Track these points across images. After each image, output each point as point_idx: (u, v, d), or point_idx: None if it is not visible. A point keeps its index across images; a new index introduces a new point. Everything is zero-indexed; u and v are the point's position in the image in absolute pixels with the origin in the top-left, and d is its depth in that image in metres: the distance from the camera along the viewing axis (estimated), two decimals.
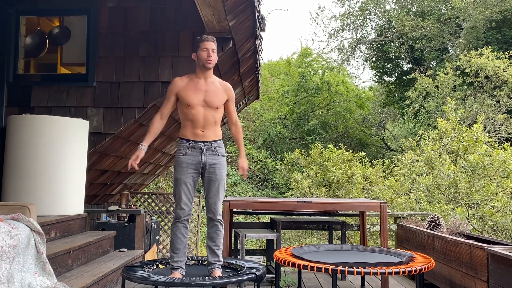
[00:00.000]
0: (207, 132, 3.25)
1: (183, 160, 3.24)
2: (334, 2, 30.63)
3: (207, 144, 3.25)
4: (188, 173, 3.22)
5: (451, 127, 7.64)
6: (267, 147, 16.86)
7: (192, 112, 3.23)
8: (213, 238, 3.24)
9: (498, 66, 11.30)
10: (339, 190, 8.74)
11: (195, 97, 3.23)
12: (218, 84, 3.34)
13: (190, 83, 3.28)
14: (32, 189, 3.90)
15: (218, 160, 3.26)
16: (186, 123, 3.29)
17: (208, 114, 3.24)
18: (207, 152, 3.24)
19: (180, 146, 3.28)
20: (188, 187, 3.21)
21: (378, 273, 2.68)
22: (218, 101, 3.28)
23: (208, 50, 3.24)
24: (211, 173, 3.24)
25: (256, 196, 14.25)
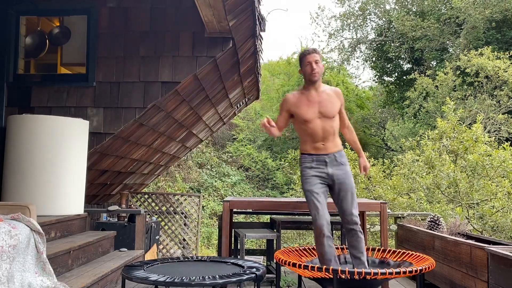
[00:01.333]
0: (327, 144, 3.23)
1: (309, 172, 3.22)
2: (334, 2, 30.64)
3: (330, 156, 3.23)
4: (316, 183, 3.20)
5: (450, 127, 7.64)
6: (267, 147, 16.85)
7: (310, 126, 3.21)
8: (356, 246, 3.19)
9: (498, 66, 11.31)
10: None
11: (309, 110, 3.20)
12: (330, 91, 3.30)
13: (301, 97, 3.26)
14: (32, 189, 3.90)
15: (344, 170, 3.23)
16: (305, 138, 3.27)
17: (326, 125, 3.21)
18: (331, 164, 3.23)
19: (304, 161, 3.27)
20: (320, 197, 3.17)
21: (378, 273, 2.68)
22: (334, 109, 3.25)
23: (311, 63, 3.20)
24: (341, 184, 3.21)
25: (256, 196, 14.25)
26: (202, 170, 14.86)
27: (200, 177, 14.44)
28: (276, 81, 20.40)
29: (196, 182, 14.30)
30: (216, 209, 13.39)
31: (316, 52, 3.24)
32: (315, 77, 3.22)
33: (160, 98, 4.46)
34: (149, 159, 6.56)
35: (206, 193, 13.98)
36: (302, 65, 3.26)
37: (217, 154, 15.94)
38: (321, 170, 3.22)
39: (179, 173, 14.07)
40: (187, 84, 4.62)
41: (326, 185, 3.25)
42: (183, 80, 4.43)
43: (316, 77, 3.22)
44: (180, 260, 3.27)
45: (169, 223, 8.00)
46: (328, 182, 3.24)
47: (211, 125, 7.27)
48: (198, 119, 6.25)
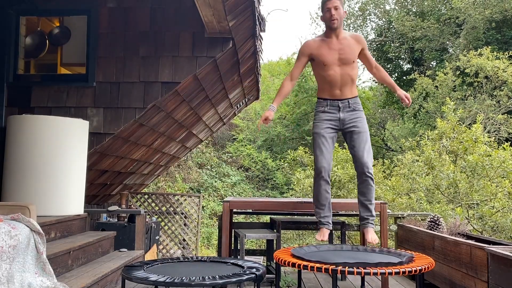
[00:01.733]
0: (344, 91, 3.26)
1: (321, 116, 3.27)
2: None
3: (344, 101, 3.26)
4: (326, 127, 3.24)
5: (450, 127, 7.64)
6: (267, 147, 16.85)
7: (329, 73, 3.23)
8: (364, 193, 3.22)
9: (498, 66, 11.31)
10: (341, 190, 8.74)
11: (329, 56, 3.22)
12: (350, 38, 3.30)
13: (322, 43, 3.27)
14: (32, 189, 3.90)
15: (357, 114, 3.26)
16: (323, 86, 3.30)
17: (344, 73, 3.22)
18: (344, 109, 3.25)
19: (318, 105, 3.32)
20: (327, 141, 3.22)
21: (378, 273, 2.67)
22: (354, 56, 3.25)
23: (330, 9, 3.19)
24: (353, 127, 3.24)
25: (256, 196, 14.24)
26: (202, 170, 14.86)
27: (200, 177, 14.44)
28: (276, 81, 20.38)
29: (196, 182, 14.30)
30: (216, 209, 13.39)
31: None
32: (334, 24, 3.20)
33: (160, 98, 4.46)
34: (149, 159, 6.56)
35: (206, 193, 13.98)
36: (323, 12, 3.26)
37: (217, 154, 15.94)
38: (333, 115, 3.26)
39: (179, 173, 14.07)
40: (187, 84, 4.62)
41: (335, 130, 3.29)
42: (183, 80, 4.43)
43: (335, 24, 3.20)
44: (180, 260, 3.26)
45: (169, 223, 8.00)
46: (339, 127, 3.27)
47: (211, 125, 7.27)
48: (198, 119, 6.25)
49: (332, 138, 3.27)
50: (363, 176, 3.21)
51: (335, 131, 3.29)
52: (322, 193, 3.24)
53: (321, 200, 3.26)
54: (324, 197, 3.25)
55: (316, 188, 3.26)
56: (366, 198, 3.22)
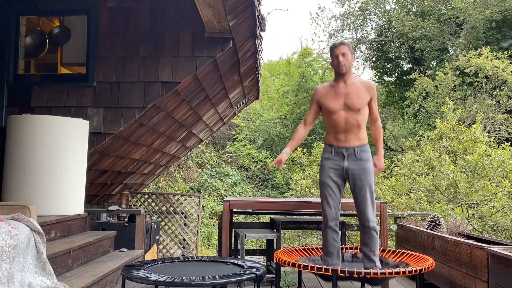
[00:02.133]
0: (349, 136, 3.22)
1: (326, 164, 3.26)
2: (334, 2, 30.64)
3: (349, 150, 3.22)
4: (331, 176, 3.22)
5: (450, 127, 7.64)
6: (267, 147, 16.85)
7: (333, 117, 3.23)
8: (368, 244, 3.20)
9: (498, 66, 11.31)
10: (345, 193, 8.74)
11: (335, 101, 3.22)
12: (359, 84, 3.28)
13: (330, 89, 3.29)
14: (32, 189, 3.90)
15: (362, 166, 3.20)
16: (329, 128, 3.30)
17: (350, 118, 3.20)
18: (349, 158, 3.21)
19: (324, 151, 3.32)
20: (333, 190, 3.20)
21: (378, 273, 2.68)
22: (360, 103, 3.22)
23: (338, 56, 3.21)
24: (356, 180, 3.20)
25: (256, 196, 14.25)
26: (202, 170, 14.86)
27: (200, 177, 14.44)
28: (276, 81, 20.38)
29: (196, 182, 14.30)
30: (216, 209, 13.39)
31: (343, 44, 3.23)
32: (342, 70, 3.23)
33: (160, 98, 4.46)
34: (149, 159, 6.56)
35: (206, 193, 13.98)
36: (331, 58, 3.28)
37: (217, 154, 15.94)
38: (338, 163, 3.23)
39: (179, 173, 14.07)
40: (187, 84, 4.63)
41: (342, 178, 3.26)
42: (183, 80, 4.43)
43: (343, 69, 3.23)
44: (180, 260, 3.27)
45: (169, 223, 8.00)
46: (344, 176, 3.25)
47: (211, 125, 7.27)
48: (198, 119, 6.25)
49: (338, 187, 3.24)
50: (366, 228, 3.20)
51: (341, 179, 3.26)
52: (330, 242, 3.23)
53: (329, 249, 3.24)
54: (332, 246, 3.23)
55: (324, 236, 3.26)
56: (370, 249, 3.20)
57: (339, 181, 3.25)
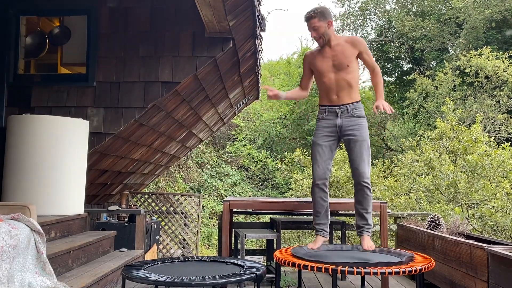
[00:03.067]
0: (341, 96, 3.25)
1: (319, 124, 3.30)
2: (334, 2, 30.63)
3: (342, 107, 3.24)
4: (323, 135, 3.25)
5: (450, 127, 7.64)
6: (267, 147, 16.85)
7: (323, 80, 3.27)
8: (361, 201, 3.21)
9: (498, 66, 11.31)
10: (340, 191, 8.75)
11: (323, 64, 3.26)
12: (345, 42, 3.28)
13: (318, 53, 3.34)
14: (32, 189, 3.90)
15: (356, 121, 3.23)
16: (322, 93, 3.34)
17: (340, 78, 3.23)
18: (343, 115, 3.24)
19: (318, 113, 3.37)
20: (322, 149, 3.23)
21: (378, 273, 2.68)
22: (347, 60, 3.22)
23: (310, 31, 3.27)
24: (350, 135, 3.21)
25: (256, 196, 14.25)
26: (202, 170, 14.86)
27: (200, 177, 14.44)
28: (276, 81, 20.38)
29: (196, 182, 14.30)
30: (216, 209, 13.39)
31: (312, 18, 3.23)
32: (317, 43, 3.30)
33: (160, 98, 4.46)
34: (149, 159, 6.56)
35: (206, 193, 13.98)
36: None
37: (217, 154, 15.94)
38: (331, 122, 3.25)
39: (179, 173, 14.07)
40: (187, 84, 4.63)
41: (335, 137, 3.27)
42: (183, 80, 4.43)
43: (319, 42, 3.29)
44: (180, 260, 3.27)
45: (169, 223, 8.01)
46: (337, 134, 3.26)
47: (211, 125, 7.27)
48: (198, 119, 6.25)
49: (330, 146, 3.25)
50: (359, 185, 3.20)
51: (333, 138, 3.27)
52: (317, 201, 3.26)
53: (317, 208, 3.28)
54: (319, 205, 3.26)
55: (312, 196, 3.30)
56: (362, 207, 3.21)
57: (332, 140, 3.27)
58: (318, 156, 3.23)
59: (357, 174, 3.19)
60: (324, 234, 3.24)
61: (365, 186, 3.19)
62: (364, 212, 3.21)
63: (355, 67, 3.27)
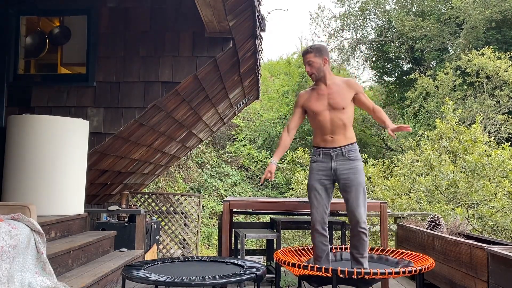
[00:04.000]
0: (336, 137, 3.21)
1: (314, 167, 3.25)
2: (334, 2, 30.62)
3: (336, 150, 3.20)
4: (318, 179, 3.20)
5: (450, 127, 7.64)
6: (267, 147, 16.85)
7: (318, 118, 3.23)
8: (357, 246, 3.17)
9: (499, 66, 11.31)
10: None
11: (318, 103, 3.23)
12: (341, 83, 3.27)
13: (312, 92, 3.31)
14: (32, 189, 3.90)
15: (351, 165, 3.18)
16: (316, 131, 3.30)
17: (335, 118, 3.19)
18: (337, 158, 3.19)
19: (312, 155, 3.32)
20: (319, 193, 3.19)
21: (378, 273, 2.68)
22: (343, 101, 3.20)
23: (305, 65, 3.26)
24: (345, 179, 3.16)
25: (256, 196, 14.25)
26: (202, 170, 14.86)
27: (200, 177, 14.44)
28: (276, 81, 20.39)
29: (196, 182, 14.30)
30: (216, 209, 13.39)
31: (308, 52, 3.24)
32: (311, 78, 3.30)
33: (160, 98, 4.47)
34: (149, 159, 6.56)
35: (206, 193, 13.98)
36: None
37: (217, 154, 15.94)
38: (326, 165, 3.21)
39: (179, 173, 14.07)
40: (187, 84, 4.63)
41: (330, 180, 3.23)
42: (183, 80, 4.43)
43: (312, 77, 3.28)
44: (180, 260, 3.27)
45: (169, 223, 8.01)
46: (332, 177, 3.22)
47: (211, 125, 7.27)
48: (198, 119, 6.25)
49: (326, 189, 3.22)
50: (355, 230, 3.16)
51: (329, 181, 3.23)
52: (318, 246, 3.23)
53: (318, 252, 3.24)
54: (320, 249, 3.22)
55: (312, 240, 3.26)
56: (358, 252, 3.18)
57: (328, 184, 3.23)
58: (316, 201, 3.20)
59: (354, 220, 3.15)
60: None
61: (362, 232, 3.15)
62: (360, 257, 3.18)
63: (351, 109, 3.26)
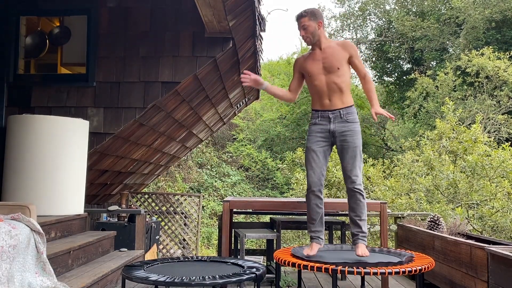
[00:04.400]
0: (333, 100, 3.22)
1: (312, 129, 3.27)
2: (334, 2, 30.61)
3: (335, 112, 3.22)
4: (316, 141, 3.22)
5: (449, 127, 7.64)
6: (267, 147, 16.85)
7: (315, 83, 3.25)
8: (354, 208, 3.17)
9: (499, 67, 11.32)
10: (340, 191, 8.74)
11: (313, 66, 3.25)
12: (335, 45, 3.27)
13: (308, 56, 3.33)
14: (32, 189, 3.90)
15: (349, 127, 3.20)
16: (313, 96, 3.32)
17: (330, 81, 3.20)
18: (335, 120, 3.21)
19: (311, 118, 3.34)
20: (317, 155, 3.20)
21: (378, 273, 2.68)
22: (337, 62, 3.20)
23: (300, 30, 3.26)
24: (343, 141, 3.19)
25: (256, 196, 14.25)
26: (202, 170, 14.86)
27: (200, 177, 14.44)
28: (276, 81, 20.39)
29: (196, 182, 14.30)
30: (216, 209, 13.39)
31: (302, 17, 3.23)
32: (305, 42, 3.29)
33: (160, 98, 4.46)
34: (149, 159, 6.56)
35: (206, 193, 13.98)
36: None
37: (217, 154, 15.94)
38: (324, 127, 3.23)
39: (179, 173, 14.07)
40: (187, 84, 4.63)
41: (328, 143, 3.25)
42: (183, 80, 4.43)
43: (307, 41, 3.28)
44: (180, 260, 3.27)
45: (169, 223, 8.00)
46: (331, 139, 3.24)
47: (211, 125, 7.27)
48: (198, 119, 6.25)
49: (324, 151, 3.23)
50: (351, 191, 3.17)
51: (327, 144, 3.24)
52: (312, 208, 3.23)
53: (312, 215, 3.25)
54: (315, 212, 3.23)
55: (307, 202, 3.27)
56: (356, 214, 3.17)
57: (325, 146, 3.24)
58: (313, 163, 3.21)
59: (350, 180, 3.17)
60: (320, 242, 3.19)
61: (358, 192, 3.15)
62: (358, 219, 3.16)
63: (346, 71, 3.24)
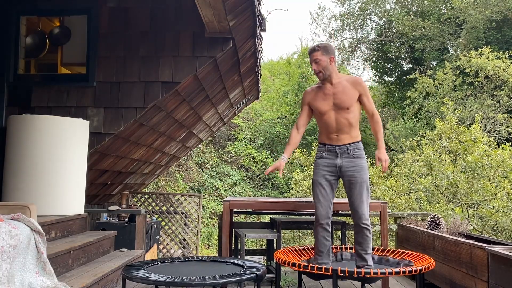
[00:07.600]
0: (341, 136, 3.23)
1: (319, 162, 3.28)
2: (334, 2, 30.62)
3: (342, 147, 3.22)
4: (323, 175, 3.23)
5: (449, 127, 7.64)
6: (267, 147, 16.85)
7: (324, 118, 3.25)
8: (361, 243, 3.20)
9: (498, 66, 11.32)
10: (340, 191, 8.74)
11: (324, 102, 3.24)
12: (346, 82, 3.26)
13: (318, 90, 3.31)
14: (32, 189, 3.90)
15: (356, 162, 3.20)
16: (321, 129, 3.33)
17: (340, 117, 3.21)
18: (342, 156, 3.22)
19: (317, 151, 3.34)
20: (324, 188, 3.21)
21: (378, 273, 2.68)
22: (348, 101, 3.21)
23: (311, 63, 3.27)
24: (350, 176, 3.19)
25: (256, 196, 14.24)
26: (202, 170, 14.86)
27: (200, 177, 14.44)
28: (276, 81, 20.39)
29: (196, 182, 14.30)
30: (216, 209, 13.39)
31: (315, 51, 3.25)
32: (319, 78, 3.30)
33: (160, 98, 4.47)
34: (149, 159, 6.56)
35: (206, 193, 13.98)
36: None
37: (217, 154, 15.94)
38: (331, 161, 3.24)
39: (179, 173, 14.07)
40: (187, 84, 4.63)
41: (335, 176, 3.25)
42: (183, 80, 4.43)
43: (319, 77, 3.28)
44: (180, 260, 3.27)
45: (169, 223, 8.01)
46: (337, 174, 3.25)
47: (211, 125, 7.27)
48: (198, 119, 6.25)
49: (330, 185, 3.25)
50: (359, 227, 3.20)
51: (334, 177, 3.26)
52: (320, 240, 3.25)
53: (320, 247, 3.27)
54: (322, 244, 3.25)
55: (315, 235, 3.28)
56: (362, 248, 3.21)
57: (332, 180, 3.26)
58: (321, 196, 3.22)
59: (357, 216, 3.19)
60: None
61: (365, 228, 3.18)
62: (364, 253, 3.20)
63: (356, 108, 3.26)
